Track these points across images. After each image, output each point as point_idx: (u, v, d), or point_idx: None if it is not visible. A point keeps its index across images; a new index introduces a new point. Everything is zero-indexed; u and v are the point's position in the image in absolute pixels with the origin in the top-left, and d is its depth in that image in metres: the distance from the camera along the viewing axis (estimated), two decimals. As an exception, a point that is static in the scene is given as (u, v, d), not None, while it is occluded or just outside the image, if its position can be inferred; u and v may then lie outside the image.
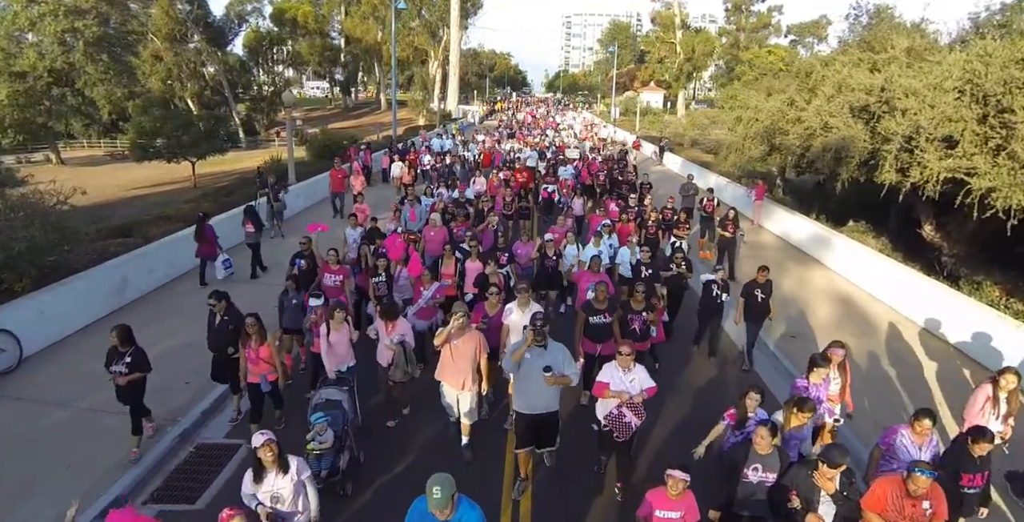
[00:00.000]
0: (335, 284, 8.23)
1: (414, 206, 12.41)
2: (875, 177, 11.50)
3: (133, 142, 29.34)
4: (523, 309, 6.50)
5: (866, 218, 16.36)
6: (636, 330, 7.12)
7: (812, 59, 16.18)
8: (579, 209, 14.28)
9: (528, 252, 9.83)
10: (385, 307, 6.59)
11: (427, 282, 7.81)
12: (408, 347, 6.45)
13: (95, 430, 6.71)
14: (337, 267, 8.31)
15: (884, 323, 10.26)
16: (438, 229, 10.67)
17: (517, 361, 5.29)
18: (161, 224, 12.94)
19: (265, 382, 6.40)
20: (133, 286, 10.21)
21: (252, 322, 6.25)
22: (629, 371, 5.41)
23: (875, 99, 11.18)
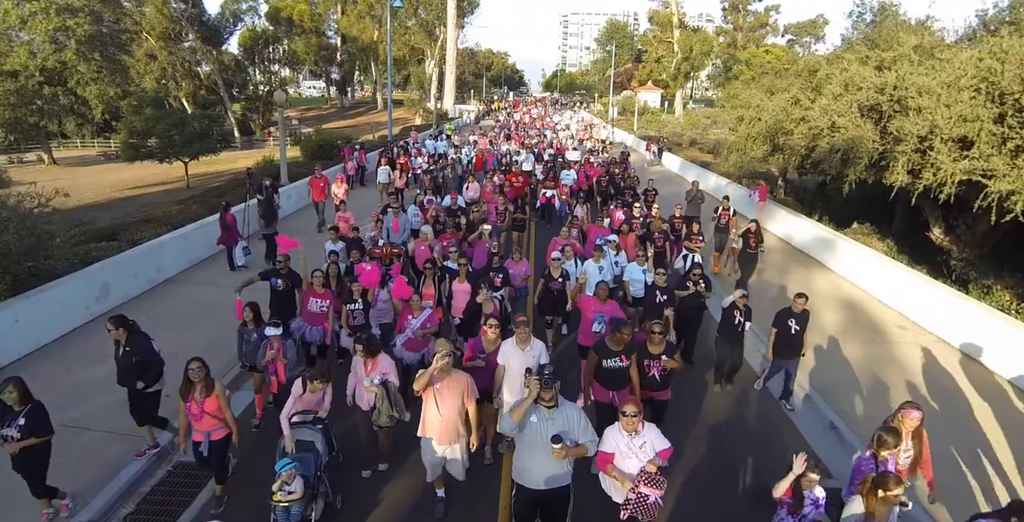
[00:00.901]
0: (321, 310, 7.37)
1: (398, 215, 11.32)
2: (884, 179, 11.17)
3: (125, 142, 28.96)
4: (523, 347, 5.55)
5: (869, 220, 16.07)
6: (655, 377, 5.99)
7: (817, 57, 15.78)
8: (581, 216, 12.84)
9: (521, 272, 8.83)
10: (365, 343, 5.51)
11: (417, 308, 6.87)
12: (392, 387, 5.48)
13: (68, 448, 6.34)
14: (323, 291, 7.42)
15: (892, 329, 9.94)
16: (428, 243, 9.81)
17: (518, 420, 4.30)
18: (148, 227, 12.55)
19: (207, 443, 5.25)
20: (116, 292, 9.83)
21: (197, 368, 5.19)
22: (637, 435, 4.42)
23: (886, 98, 10.81)
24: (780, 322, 7.25)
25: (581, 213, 12.82)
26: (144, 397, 6.13)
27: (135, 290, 10.27)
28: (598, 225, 11.24)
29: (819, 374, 8.23)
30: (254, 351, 6.46)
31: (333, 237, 9.90)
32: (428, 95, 54.43)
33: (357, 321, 7.43)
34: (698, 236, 11.04)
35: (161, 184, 32.81)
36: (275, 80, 65.89)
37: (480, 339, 5.91)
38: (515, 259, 8.87)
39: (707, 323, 9.01)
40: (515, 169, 17.52)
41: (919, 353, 9.07)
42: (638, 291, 8.74)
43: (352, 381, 5.74)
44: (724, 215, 12.39)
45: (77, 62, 38.92)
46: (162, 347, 8.52)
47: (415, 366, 6.90)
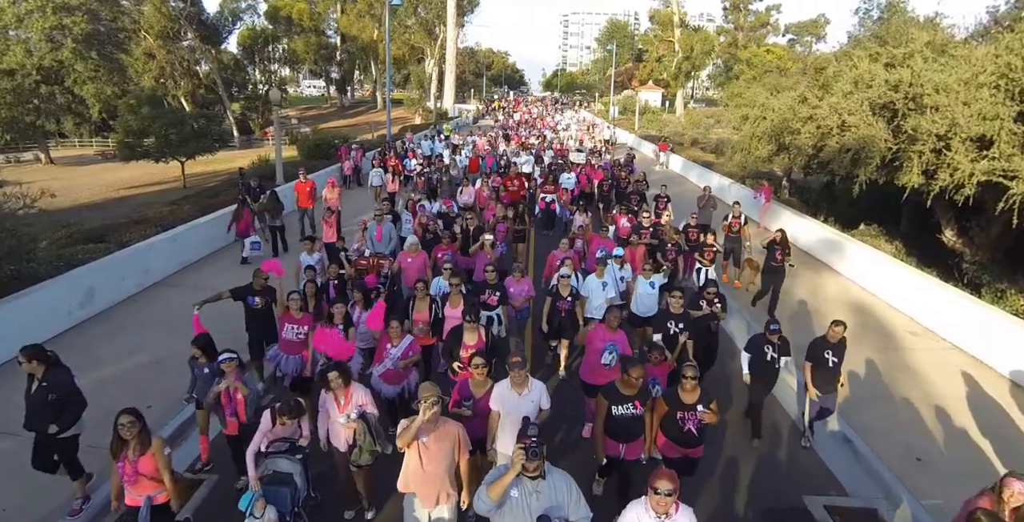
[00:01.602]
0: (298, 338, 6.53)
1: (382, 223, 10.33)
2: (896, 179, 10.83)
3: (120, 141, 28.64)
4: (520, 391, 4.76)
5: (875, 221, 15.75)
6: (691, 431, 4.92)
7: (827, 54, 15.42)
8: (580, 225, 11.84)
9: (522, 292, 7.92)
10: (332, 373, 4.77)
11: (396, 336, 5.91)
12: (373, 419, 4.87)
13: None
14: (301, 315, 6.57)
15: (904, 335, 9.62)
16: (416, 255, 8.69)
17: (497, 499, 3.46)
18: (137, 228, 12.24)
19: (146, 508, 4.40)
20: (101, 296, 9.51)
21: (129, 423, 4.34)
22: (668, 518, 3.49)
23: (900, 95, 10.45)
24: (815, 354, 6.41)
25: (581, 221, 11.64)
26: (57, 442, 5.22)
27: (122, 294, 9.95)
28: (601, 235, 10.20)
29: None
30: (207, 387, 5.48)
31: (309, 248, 8.99)
32: (428, 94, 54.12)
33: None
34: (711, 247, 10.14)
35: (158, 184, 32.51)
36: (274, 79, 65.67)
37: (466, 382, 5.02)
38: (516, 277, 7.89)
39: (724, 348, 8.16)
40: (512, 171, 16.40)
41: (933, 361, 8.75)
42: (645, 309, 7.90)
43: (323, 422, 5.03)
44: (735, 223, 11.52)
45: (74, 61, 38.57)
46: (146, 354, 8.32)
47: (395, 400, 6.19)
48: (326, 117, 62.32)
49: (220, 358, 5.22)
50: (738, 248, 11.50)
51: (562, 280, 7.49)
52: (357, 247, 9.70)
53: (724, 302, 7.49)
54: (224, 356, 5.20)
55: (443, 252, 9.16)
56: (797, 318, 9.99)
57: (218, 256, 12.44)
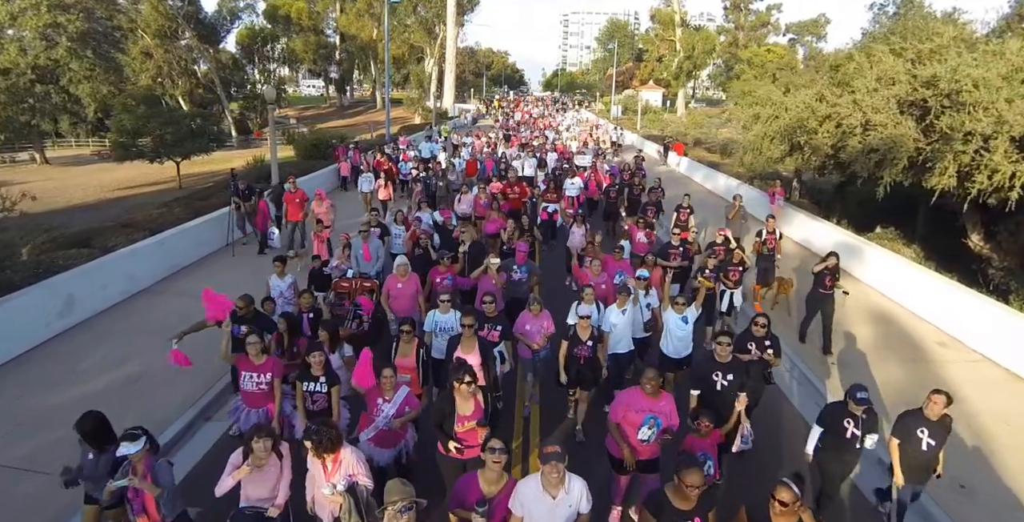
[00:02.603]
0: (259, 388, 5.37)
1: (367, 239, 9.00)
2: (924, 181, 10.30)
3: (115, 141, 28.14)
4: (554, 492, 3.58)
5: (889, 222, 15.24)
6: None
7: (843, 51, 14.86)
8: (579, 240, 10.18)
9: (540, 329, 6.43)
10: (316, 438, 3.92)
11: (389, 388, 4.90)
12: (363, 493, 4.07)
13: (8, 496, 5.50)
14: (262, 360, 5.40)
15: (932, 347, 9.09)
16: (407, 280, 7.33)
17: None
18: (124, 232, 11.71)
19: None
20: (82, 305, 8.97)
21: None
22: None
23: (932, 92, 9.92)
24: (905, 432, 4.96)
25: (580, 236, 10.17)
26: None
27: (104, 303, 9.41)
28: (615, 257, 8.57)
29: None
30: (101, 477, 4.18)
31: (279, 270, 7.64)
32: (427, 94, 53.63)
33: (318, 405, 5.19)
34: (737, 267, 8.66)
35: (153, 184, 32.02)
36: (273, 79, 65.19)
37: (473, 477, 3.76)
38: (533, 311, 6.48)
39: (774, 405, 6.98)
40: (511, 175, 14.90)
41: (966, 374, 8.21)
42: (677, 350, 6.68)
43: (311, 484, 4.26)
44: (771, 239, 9.97)
45: (69, 60, 38.10)
46: (125, 369, 7.77)
47: (388, 468, 5.13)
48: (325, 117, 61.90)
49: (120, 450, 3.85)
50: (771, 268, 10.09)
51: (581, 322, 6.09)
52: (338, 265, 8.61)
53: (777, 344, 6.05)
54: (125, 449, 3.83)
55: (442, 276, 7.76)
56: (815, 329, 9.46)
57: (209, 261, 11.91)
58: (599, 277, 7.71)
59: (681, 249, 9.21)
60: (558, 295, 9.65)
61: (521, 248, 8.23)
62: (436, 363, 6.18)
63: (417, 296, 7.37)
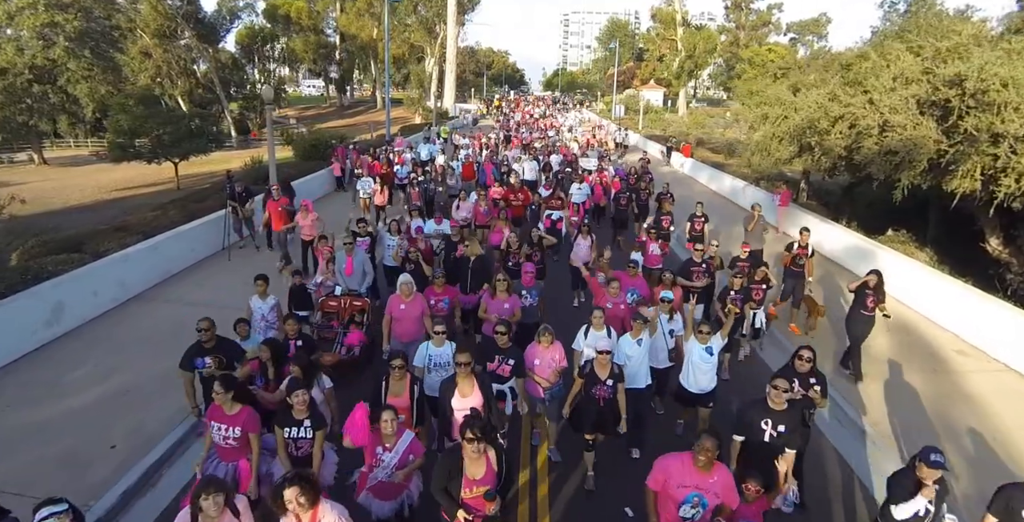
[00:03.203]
0: (227, 443, 4.54)
1: (352, 252, 8.20)
2: (943, 184, 9.96)
3: (112, 142, 27.83)
4: None
5: (899, 225, 14.92)
6: None
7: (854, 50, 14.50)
8: (585, 253, 9.41)
9: (552, 363, 5.67)
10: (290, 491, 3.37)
11: (390, 435, 4.25)
12: None
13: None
14: (236, 410, 4.53)
15: (952, 356, 8.76)
16: (412, 301, 6.52)
17: None
18: (116, 236, 11.39)
19: None
20: (71, 313, 8.66)
21: None
22: None
23: (956, 92, 9.57)
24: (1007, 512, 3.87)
25: (587, 248, 9.40)
26: None
27: (94, 310, 9.08)
28: (628, 273, 7.69)
29: (883, 416, 7.06)
30: None
31: (261, 290, 6.89)
32: (428, 94, 53.31)
33: (303, 451, 4.51)
34: (760, 285, 7.98)
35: (152, 185, 31.71)
36: (273, 79, 64.90)
37: None
38: (543, 343, 5.59)
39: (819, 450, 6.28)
40: (513, 180, 14.05)
41: (989, 384, 7.90)
42: (699, 384, 5.92)
43: None
44: (801, 253, 9.13)
45: (67, 59, 37.84)
46: (114, 382, 7.43)
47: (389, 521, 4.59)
48: (325, 117, 61.62)
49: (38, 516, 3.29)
50: (800, 285, 9.28)
51: (599, 358, 5.28)
52: (322, 282, 7.96)
53: (824, 382, 5.28)
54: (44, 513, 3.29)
55: (436, 298, 7.02)
56: (835, 336, 9.14)
57: (204, 265, 11.59)
58: (617, 297, 6.97)
59: (704, 266, 8.41)
60: (562, 314, 9.15)
61: (529, 269, 7.42)
62: (431, 401, 5.35)
63: (424, 319, 6.54)
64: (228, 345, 5.65)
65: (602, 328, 6.00)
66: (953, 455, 6.32)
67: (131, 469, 5.73)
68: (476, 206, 11.69)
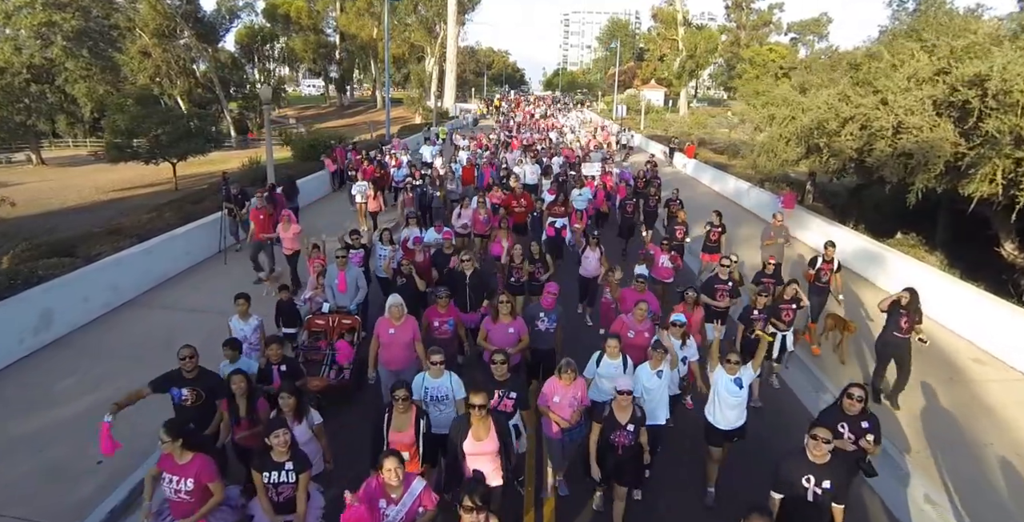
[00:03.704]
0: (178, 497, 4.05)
1: (344, 267, 7.60)
2: (960, 188, 9.69)
3: (109, 142, 27.59)
4: None
5: (906, 228, 14.64)
6: None
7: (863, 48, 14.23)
8: (594, 266, 8.83)
9: (573, 402, 5.02)
10: None
11: (395, 485, 3.75)
12: None
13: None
14: (187, 459, 4.05)
15: (969, 365, 8.51)
16: (402, 324, 5.88)
17: None
18: (109, 239, 11.14)
19: None
20: (61, 319, 8.40)
21: None
22: None
23: (976, 93, 9.29)
24: None
25: (593, 261, 8.81)
26: None
27: (85, 317, 8.82)
28: (635, 288, 7.17)
29: (899, 429, 6.80)
30: None
31: (241, 309, 6.38)
32: (428, 94, 53.06)
33: (285, 496, 4.10)
34: (791, 305, 7.26)
35: (150, 185, 31.49)
36: (272, 78, 64.64)
37: None
38: (564, 379, 4.94)
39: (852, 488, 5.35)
40: (514, 184, 13.32)
41: (1009, 395, 7.64)
42: (727, 420, 5.29)
43: None
44: (826, 269, 8.56)
45: (65, 59, 37.67)
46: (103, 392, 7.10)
47: None
48: (325, 116, 61.42)
49: None
50: (824, 303, 8.68)
51: (619, 399, 4.64)
52: (311, 297, 7.54)
53: (877, 426, 4.56)
54: None
55: (440, 320, 6.36)
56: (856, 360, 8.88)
57: (199, 269, 11.33)
58: (642, 324, 6.18)
59: (731, 284, 7.66)
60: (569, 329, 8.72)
61: (551, 290, 6.54)
62: (435, 439, 4.74)
63: (415, 344, 5.92)
64: (210, 378, 5.11)
65: (617, 356, 5.45)
66: (975, 470, 6.08)
67: (119, 487, 5.48)
68: (475, 213, 10.99)
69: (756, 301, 6.98)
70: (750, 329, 6.80)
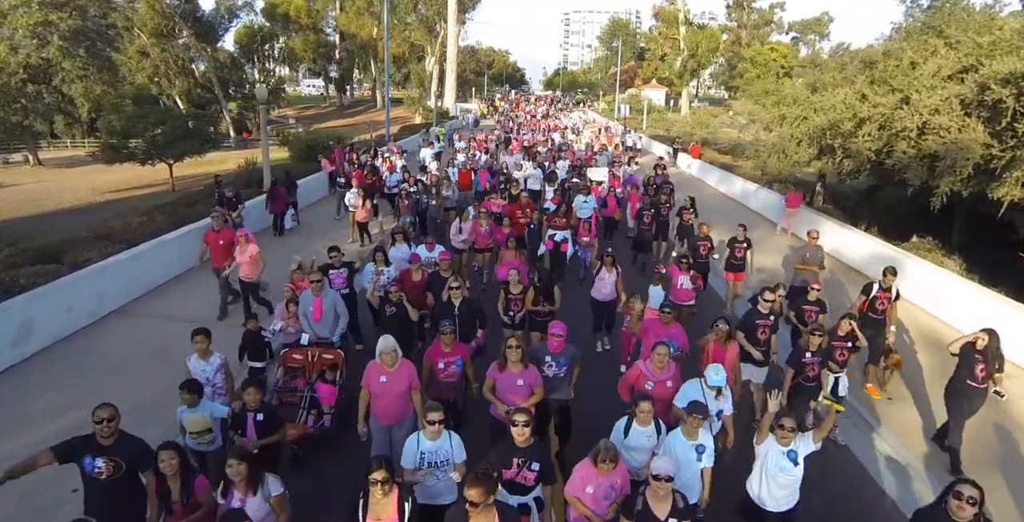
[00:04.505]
0: None
1: (320, 292, 6.58)
2: (990, 191, 9.26)
3: (104, 143, 27.22)
4: None
5: (919, 230, 14.23)
6: None
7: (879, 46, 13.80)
8: (609, 291, 7.85)
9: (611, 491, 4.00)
10: None
11: None
12: None
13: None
14: None
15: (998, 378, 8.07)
16: (394, 371, 4.90)
17: None
18: (97, 245, 10.72)
19: None
20: (42, 330, 8.00)
21: None
22: None
23: (1010, 91, 8.75)
24: None
25: (611, 283, 7.79)
26: None
27: (68, 328, 8.42)
28: (662, 320, 6.20)
29: (923, 443, 6.39)
30: None
31: (200, 347, 5.51)
32: (428, 93, 52.69)
33: None
34: (846, 343, 6.16)
35: (147, 187, 31.12)
36: (272, 78, 64.28)
37: None
38: (602, 465, 3.91)
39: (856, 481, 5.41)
40: (514, 190, 12.47)
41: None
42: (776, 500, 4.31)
43: None
44: (883, 299, 7.26)
45: (61, 59, 37.26)
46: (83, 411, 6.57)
47: None
48: (325, 116, 61.11)
49: None
50: (880, 337, 7.38)
51: (655, 487, 3.63)
52: (282, 328, 6.67)
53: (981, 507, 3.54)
54: None
55: (445, 361, 5.40)
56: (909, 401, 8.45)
57: (189, 277, 10.90)
58: (663, 372, 5.11)
59: (772, 318, 6.39)
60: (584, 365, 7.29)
61: (558, 331, 5.36)
62: (426, 510, 4.03)
63: (410, 394, 4.98)
64: (132, 446, 4.10)
65: (650, 423, 4.43)
66: (1007, 491, 5.68)
67: (93, 518, 5.06)
68: (476, 225, 9.94)
69: (809, 342, 5.89)
70: (803, 376, 5.84)
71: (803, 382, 5.92)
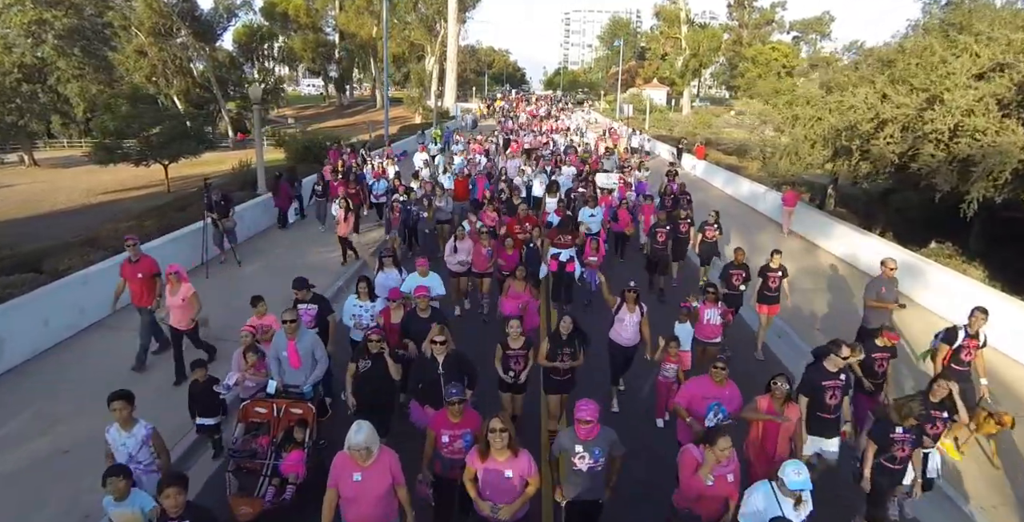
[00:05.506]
0: None
1: (294, 335, 5.47)
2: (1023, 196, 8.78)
3: (97, 143, 26.73)
4: None
5: (938, 236, 13.74)
6: None
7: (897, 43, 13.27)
8: (632, 335, 6.52)
9: None
10: None
11: None
12: None
13: None
14: None
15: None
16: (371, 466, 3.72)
17: None
18: (80, 252, 10.22)
19: None
20: (15, 347, 7.50)
21: None
22: None
23: None
24: None
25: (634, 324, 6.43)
26: None
27: (45, 342, 7.91)
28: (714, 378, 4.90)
29: (956, 472, 5.91)
30: None
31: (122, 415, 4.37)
32: (428, 93, 52.22)
33: None
34: (942, 413, 4.95)
35: (143, 187, 30.72)
36: (271, 78, 63.82)
37: None
38: None
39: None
40: (515, 199, 11.40)
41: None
42: None
43: None
44: (971, 347, 6.03)
45: (56, 58, 36.84)
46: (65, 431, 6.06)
47: None
48: (324, 116, 60.69)
49: None
50: (970, 390, 6.02)
51: None
52: (238, 382, 5.61)
53: None
54: None
55: (452, 434, 4.27)
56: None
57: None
58: (724, 464, 3.89)
59: (844, 378, 5.08)
60: None
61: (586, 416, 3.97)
62: None
63: (394, 492, 3.87)
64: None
65: None
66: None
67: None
68: (476, 245, 8.72)
69: (901, 415, 4.60)
70: (888, 456, 4.57)
71: (886, 463, 4.61)
